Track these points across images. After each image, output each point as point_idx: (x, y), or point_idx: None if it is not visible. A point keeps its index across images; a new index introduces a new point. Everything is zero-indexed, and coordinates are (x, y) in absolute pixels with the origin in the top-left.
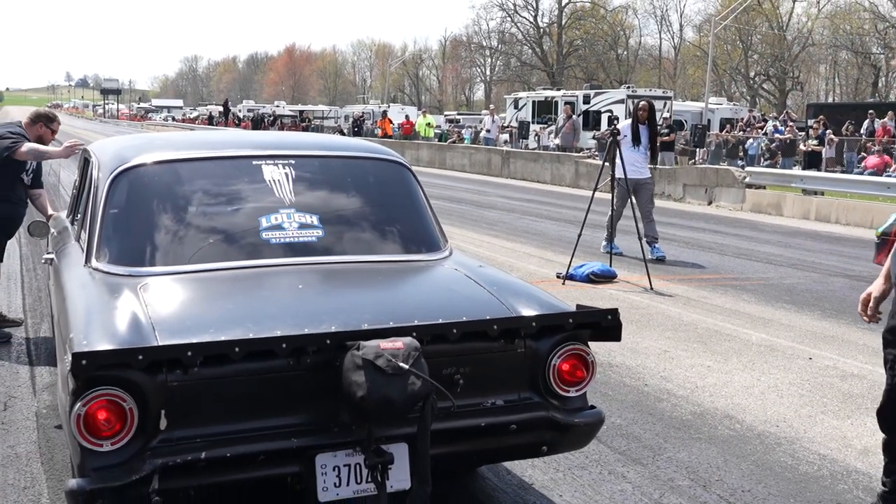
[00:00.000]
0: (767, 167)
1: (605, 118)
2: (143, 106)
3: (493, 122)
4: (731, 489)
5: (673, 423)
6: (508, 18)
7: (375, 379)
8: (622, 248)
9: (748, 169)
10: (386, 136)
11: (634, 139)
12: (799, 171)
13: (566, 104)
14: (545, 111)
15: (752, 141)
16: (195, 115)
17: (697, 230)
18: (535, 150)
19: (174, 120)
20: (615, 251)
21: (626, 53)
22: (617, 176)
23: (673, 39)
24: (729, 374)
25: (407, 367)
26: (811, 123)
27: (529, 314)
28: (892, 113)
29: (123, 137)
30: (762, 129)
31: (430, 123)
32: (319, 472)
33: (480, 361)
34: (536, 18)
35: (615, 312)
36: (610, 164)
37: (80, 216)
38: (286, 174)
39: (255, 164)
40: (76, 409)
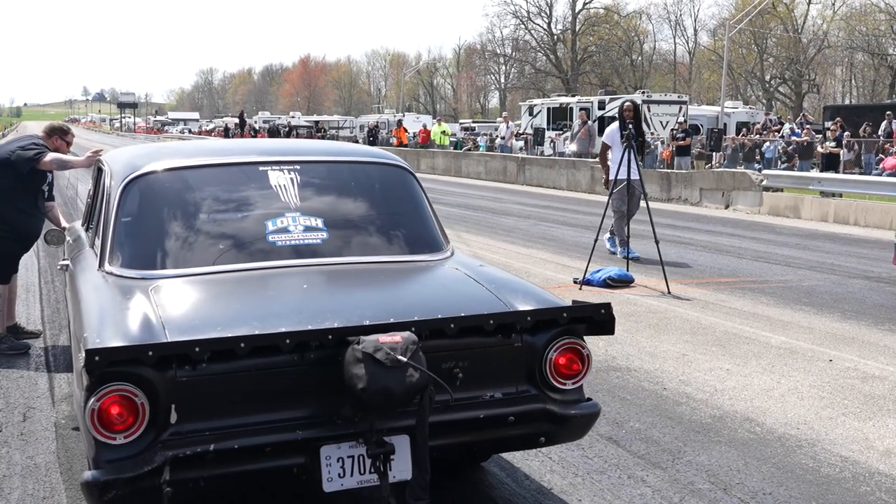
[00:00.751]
0: (784, 170)
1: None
2: (159, 119)
3: (508, 129)
4: (752, 492)
5: (692, 426)
6: (522, 26)
7: (375, 371)
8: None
9: (765, 172)
10: (401, 144)
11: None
12: (816, 173)
13: (581, 110)
14: (560, 118)
15: (768, 144)
16: (211, 127)
17: (715, 234)
18: (550, 156)
19: (190, 132)
20: (632, 255)
21: (640, 59)
22: (613, 178)
23: (687, 44)
24: (748, 376)
25: (405, 359)
26: (828, 126)
27: (525, 309)
28: None
29: (134, 147)
30: (779, 132)
31: (445, 132)
32: (324, 463)
33: (479, 356)
34: (550, 25)
35: (608, 307)
36: (626, 167)
37: (94, 223)
38: (291, 179)
39: (261, 169)
40: (90, 403)
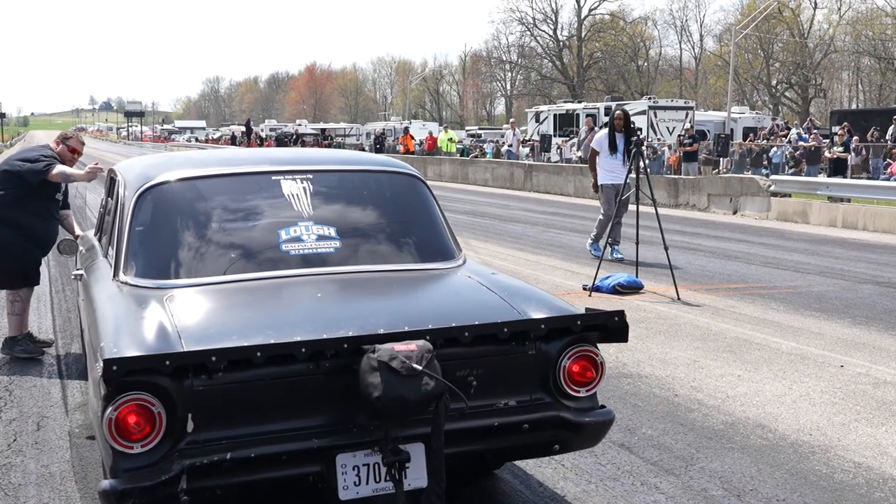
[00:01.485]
0: (792, 175)
1: None
2: (166, 128)
3: (514, 136)
4: (765, 498)
5: (704, 433)
6: (528, 32)
7: (390, 380)
8: (625, 254)
9: (773, 177)
10: (408, 151)
11: (611, 147)
12: (824, 178)
13: (588, 116)
14: (567, 124)
15: (776, 149)
16: (218, 135)
17: (723, 239)
18: (557, 162)
19: (197, 141)
20: (615, 255)
21: (646, 64)
22: (604, 182)
23: (693, 49)
24: (760, 383)
25: (420, 368)
26: (836, 130)
27: (539, 317)
28: None
29: (147, 157)
30: (786, 137)
31: (451, 139)
32: (340, 471)
33: (493, 364)
34: (556, 32)
35: (622, 314)
36: (634, 173)
37: (107, 233)
38: (304, 188)
39: (273, 179)
40: (107, 413)
